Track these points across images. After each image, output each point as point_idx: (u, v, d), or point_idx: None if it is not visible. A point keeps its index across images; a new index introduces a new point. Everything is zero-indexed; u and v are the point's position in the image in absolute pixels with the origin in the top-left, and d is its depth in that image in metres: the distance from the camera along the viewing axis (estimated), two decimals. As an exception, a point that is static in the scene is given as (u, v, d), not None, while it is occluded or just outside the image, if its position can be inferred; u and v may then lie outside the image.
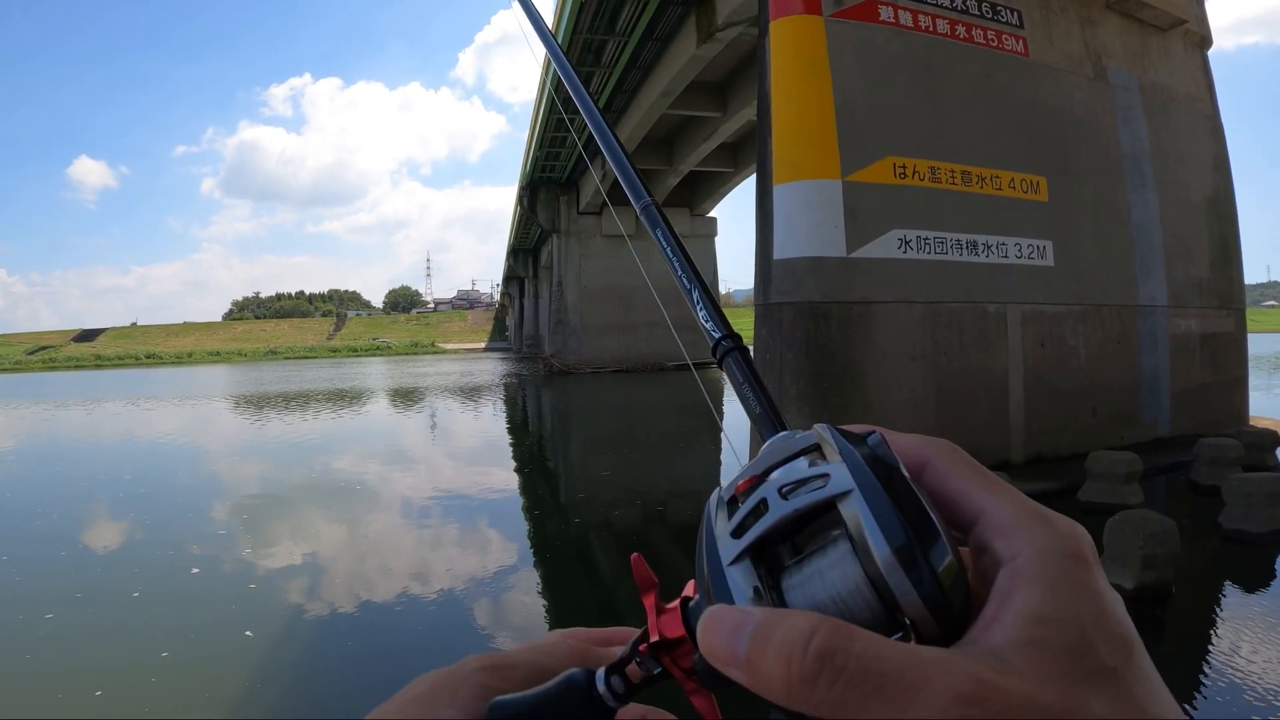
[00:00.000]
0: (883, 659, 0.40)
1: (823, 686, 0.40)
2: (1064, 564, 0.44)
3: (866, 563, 0.44)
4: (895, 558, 0.43)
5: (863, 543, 0.44)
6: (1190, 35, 18.10)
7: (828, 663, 0.40)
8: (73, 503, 14.82)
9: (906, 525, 0.43)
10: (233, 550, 11.03)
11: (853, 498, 0.45)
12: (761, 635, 0.43)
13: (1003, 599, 0.43)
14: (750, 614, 0.44)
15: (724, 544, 0.48)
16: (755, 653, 0.43)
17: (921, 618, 0.43)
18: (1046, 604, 0.42)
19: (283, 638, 7.69)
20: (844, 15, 13.11)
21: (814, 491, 0.47)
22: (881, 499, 0.44)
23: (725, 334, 0.69)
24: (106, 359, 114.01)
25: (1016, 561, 0.44)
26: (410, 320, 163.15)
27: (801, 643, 0.41)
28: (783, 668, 0.41)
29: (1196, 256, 17.19)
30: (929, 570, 0.43)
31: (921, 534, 0.44)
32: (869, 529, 0.44)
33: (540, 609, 8.77)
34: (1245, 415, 17.83)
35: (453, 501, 14.12)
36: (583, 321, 50.47)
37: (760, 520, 0.48)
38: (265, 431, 26.80)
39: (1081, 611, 0.42)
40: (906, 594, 0.43)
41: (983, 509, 0.48)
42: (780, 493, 0.48)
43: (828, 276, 12.60)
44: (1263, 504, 9.73)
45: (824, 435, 0.50)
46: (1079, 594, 0.43)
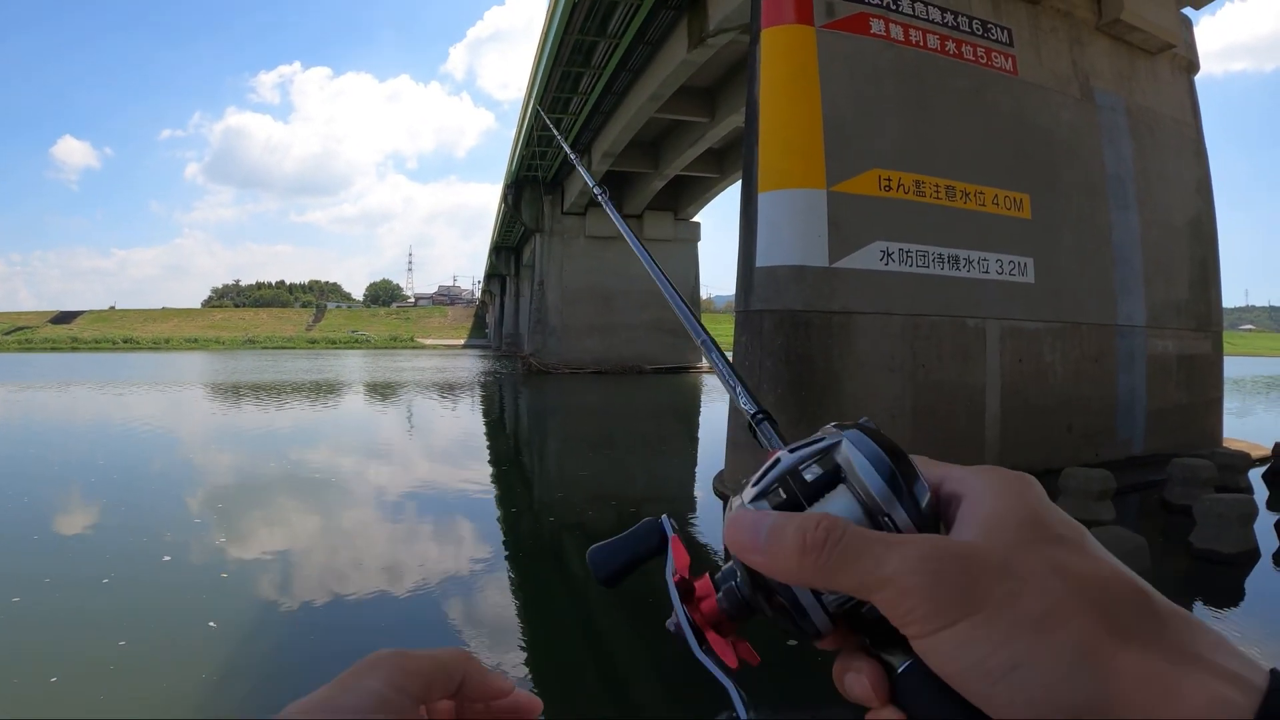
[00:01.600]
0: (869, 534, 0.51)
1: (826, 553, 0.51)
2: (1014, 483, 0.54)
3: (862, 494, 0.54)
4: (885, 485, 0.53)
5: (857, 478, 0.54)
6: (1178, 60, 18.24)
7: (830, 537, 0.51)
8: (46, 487, 14.69)
9: (893, 464, 0.54)
10: (206, 539, 10.94)
11: (844, 444, 0.56)
12: (780, 525, 0.54)
13: (966, 517, 0.52)
14: (769, 513, 0.56)
15: (745, 495, 0.59)
16: (774, 538, 0.53)
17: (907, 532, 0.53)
18: (1001, 501, 0.52)
19: (246, 629, 7.61)
20: (835, 26, 13.15)
21: (814, 444, 0.58)
22: (869, 443, 0.55)
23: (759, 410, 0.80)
24: (83, 342, 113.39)
25: (975, 490, 0.54)
26: (390, 314, 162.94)
27: (813, 523, 0.52)
28: (797, 542, 0.52)
29: (1176, 278, 17.31)
30: (912, 498, 0.53)
31: (905, 471, 0.54)
32: (860, 466, 0.54)
33: (513, 606, 8.73)
34: (1219, 437, 17.96)
35: (428, 498, 14.06)
36: (563, 321, 50.37)
37: (773, 470, 0.58)
38: (241, 422, 26.66)
39: (1033, 503, 0.52)
40: (895, 513, 0.53)
41: (946, 474, 0.57)
42: (789, 451, 0.58)
43: (809, 285, 12.63)
44: (1234, 524, 9.81)
45: (826, 428, 0.60)
46: (1029, 495, 0.53)
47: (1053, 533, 0.50)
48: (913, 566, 0.48)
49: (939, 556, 0.49)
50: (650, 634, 8.04)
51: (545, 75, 31.84)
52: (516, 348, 77.09)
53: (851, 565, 0.50)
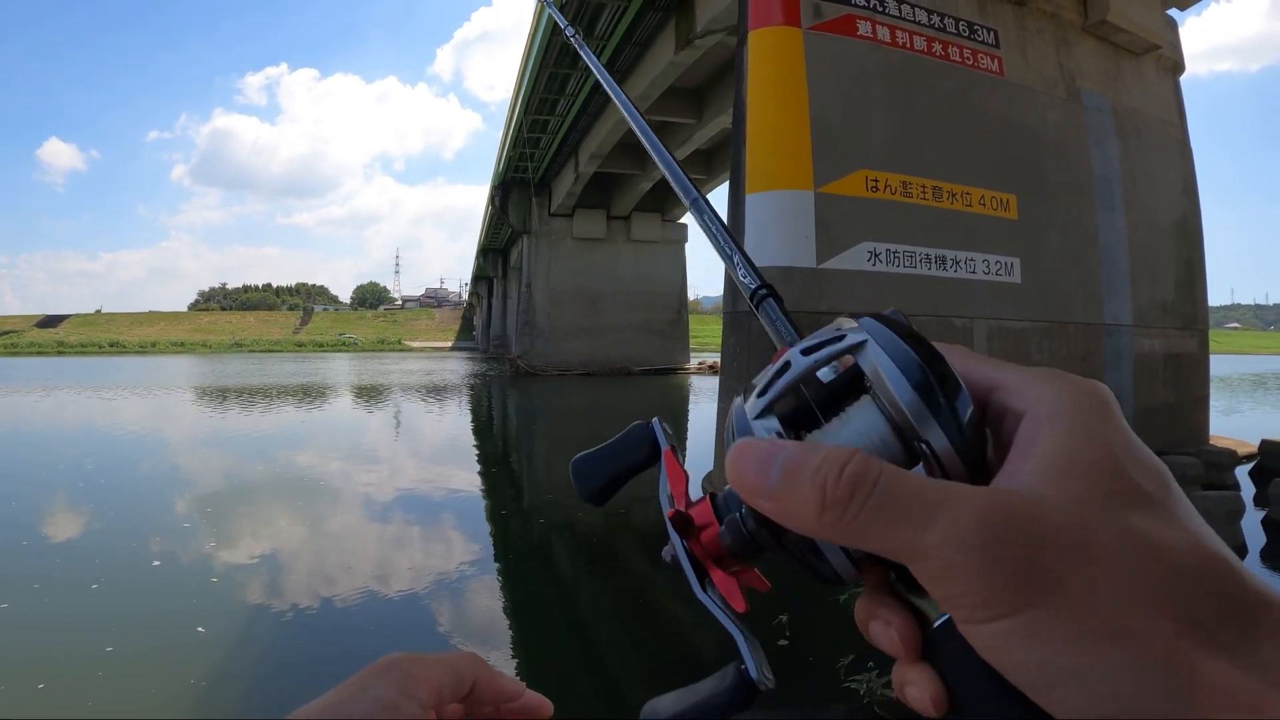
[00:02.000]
0: (907, 483, 0.41)
1: (852, 510, 0.41)
2: (1086, 404, 0.43)
3: (891, 408, 0.44)
4: (920, 401, 0.43)
5: (884, 388, 0.44)
6: (1163, 60, 18.32)
7: (859, 487, 0.41)
8: (34, 491, 14.60)
9: (927, 370, 0.44)
10: (195, 544, 10.90)
11: (869, 346, 0.46)
12: (795, 463, 0.43)
13: (1026, 446, 0.42)
14: (782, 444, 0.45)
15: (750, 406, 0.48)
16: (787, 481, 0.43)
17: (948, 458, 0.43)
18: (1072, 437, 0.42)
19: (236, 635, 7.58)
20: (822, 28, 13.16)
21: (832, 344, 0.48)
22: (898, 345, 0.45)
23: (761, 284, 0.72)
24: (69, 346, 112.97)
25: (1037, 409, 0.44)
26: (377, 317, 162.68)
27: (836, 468, 0.41)
28: (817, 493, 0.41)
29: (1162, 277, 17.37)
30: (953, 415, 0.43)
31: (943, 380, 0.44)
32: (888, 373, 0.44)
33: (504, 608, 8.72)
34: (1206, 435, 18.01)
35: (417, 501, 14.01)
36: (551, 323, 50.32)
37: (784, 376, 0.48)
38: (230, 426, 26.56)
39: (1110, 442, 0.42)
40: (932, 435, 0.43)
41: (997, 380, 0.47)
42: (802, 353, 0.49)
43: (797, 286, 12.63)
44: (1222, 522, 9.89)
45: (843, 319, 0.50)
46: (1105, 428, 0.42)
47: (1133, 486, 0.40)
48: (964, 537, 0.38)
49: (999, 526, 0.38)
50: (642, 633, 8.05)
51: (532, 77, 31.85)
52: (504, 350, 77.06)
53: (885, 527, 0.40)
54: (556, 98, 34.49)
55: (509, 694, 0.58)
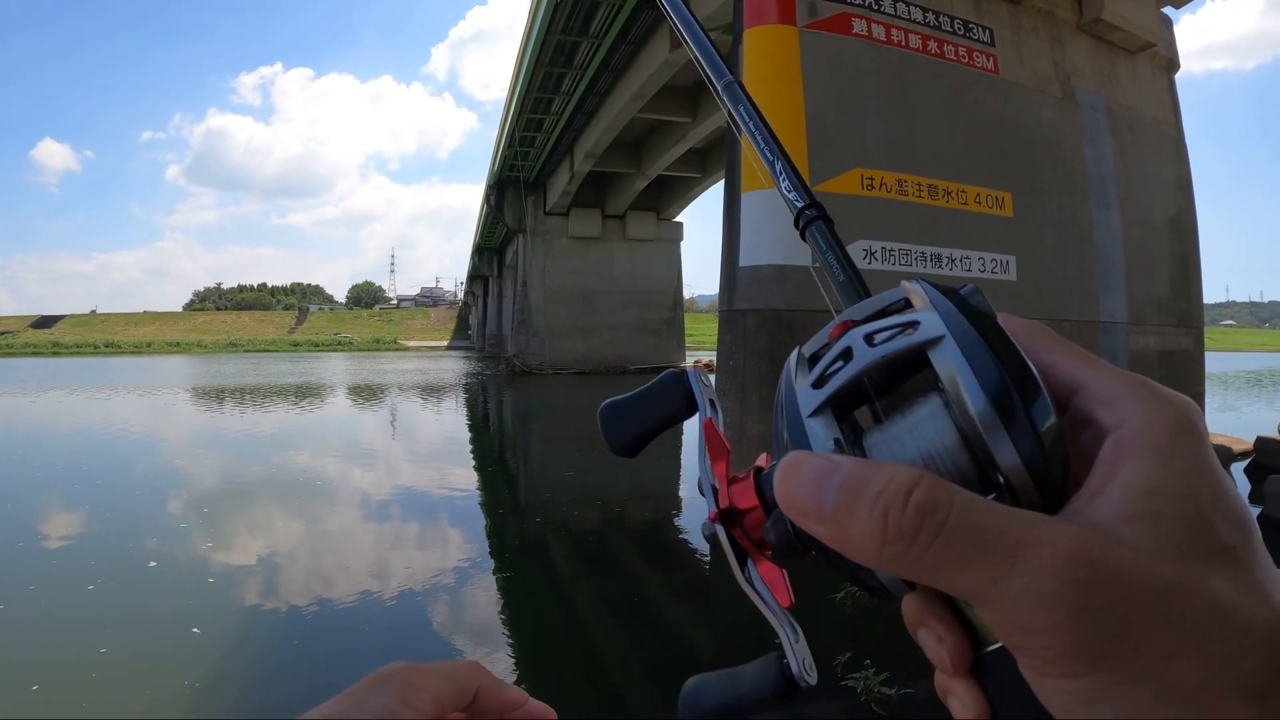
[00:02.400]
0: (985, 517, 0.37)
1: (920, 544, 0.37)
2: (1176, 434, 0.40)
3: (961, 417, 0.40)
4: (993, 410, 0.39)
5: (957, 394, 0.40)
6: (1158, 59, 18.35)
7: (929, 518, 0.37)
8: (30, 492, 14.60)
9: (1006, 376, 0.40)
10: (192, 544, 10.89)
11: (945, 345, 0.41)
12: (854, 485, 0.39)
13: (1109, 470, 0.39)
14: (838, 462, 0.40)
15: (804, 396, 0.45)
16: (844, 505, 0.39)
17: (1021, 482, 0.39)
18: (1158, 475, 0.38)
19: (231, 636, 7.57)
20: (817, 27, 13.17)
21: (903, 338, 0.43)
22: (977, 345, 0.40)
23: (809, 203, 0.67)
24: (64, 346, 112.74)
25: (1123, 430, 0.40)
26: (373, 316, 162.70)
27: (902, 495, 0.37)
28: (878, 522, 0.38)
29: (1157, 275, 17.41)
30: (1030, 428, 0.39)
31: (1023, 388, 0.40)
32: (963, 378, 0.40)
33: (502, 609, 8.71)
34: (1200, 433, 18.05)
35: (413, 501, 14.02)
36: (546, 322, 50.31)
37: (845, 368, 0.44)
38: (226, 426, 26.55)
39: (1197, 485, 0.38)
40: (1005, 453, 0.39)
41: (1082, 380, 0.44)
42: (866, 340, 0.44)
43: (793, 285, 12.64)
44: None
45: (912, 288, 0.46)
46: (1194, 466, 0.39)
47: (1217, 541, 0.37)
48: (1047, 593, 0.35)
49: (1086, 584, 0.34)
50: (640, 632, 8.05)
51: (528, 75, 31.84)
52: (500, 349, 76.97)
53: (955, 567, 0.37)
54: (551, 96, 34.48)
55: (512, 703, 0.56)
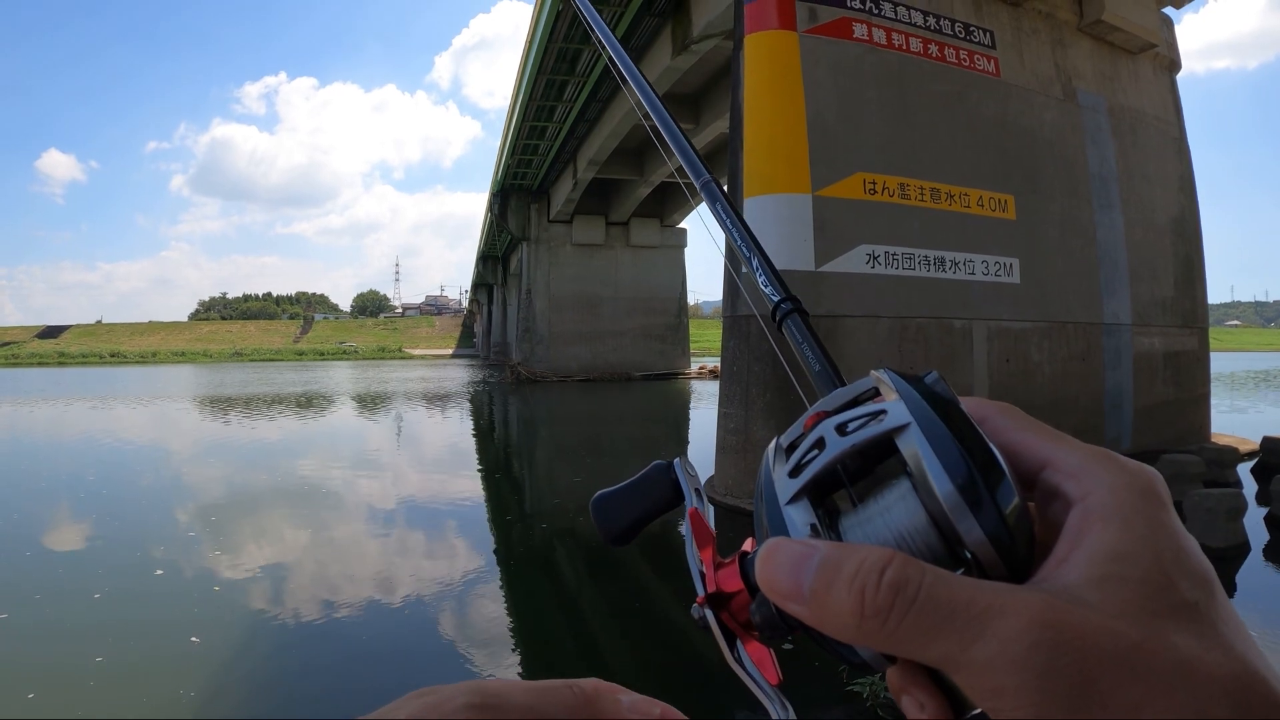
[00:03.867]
0: (953, 590, 0.39)
1: (895, 619, 0.39)
2: (1138, 501, 0.42)
3: (928, 500, 0.42)
4: (959, 494, 0.41)
5: (923, 479, 0.42)
6: (1160, 59, 18.37)
7: (901, 594, 0.39)
8: (40, 502, 14.61)
9: (969, 460, 0.42)
10: (199, 553, 10.90)
11: (910, 431, 0.44)
12: (830, 567, 0.41)
13: (1075, 538, 0.41)
14: (814, 546, 0.43)
15: (781, 485, 0.47)
16: (822, 585, 0.41)
17: (988, 557, 0.41)
18: (1122, 540, 0.40)
19: (234, 645, 7.57)
20: (818, 31, 13.20)
21: (871, 426, 0.45)
22: (941, 431, 0.43)
23: (785, 297, 0.72)
24: (70, 356, 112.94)
25: (1088, 500, 0.42)
26: (378, 325, 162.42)
27: (875, 574, 0.40)
28: (855, 600, 0.40)
29: (1161, 276, 17.41)
30: (994, 508, 0.41)
31: (986, 471, 0.42)
32: (929, 464, 0.42)
33: (510, 615, 8.70)
34: (1207, 432, 18.04)
35: (421, 509, 14.02)
36: (550, 330, 50.25)
37: (819, 457, 0.46)
38: (233, 435, 26.53)
39: (1159, 547, 0.41)
40: (971, 531, 0.41)
41: (1049, 456, 0.46)
42: (838, 430, 0.47)
43: (796, 289, 12.50)
44: (1223, 519, 9.87)
45: (880, 377, 0.49)
46: (1156, 530, 0.41)
47: (1180, 599, 0.39)
48: (1014, 657, 0.37)
49: (1051, 645, 0.36)
50: (646, 641, 8.05)
51: (530, 83, 31.85)
52: (505, 356, 77.03)
53: (929, 638, 0.39)
54: (554, 104, 34.50)
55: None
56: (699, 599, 0.51)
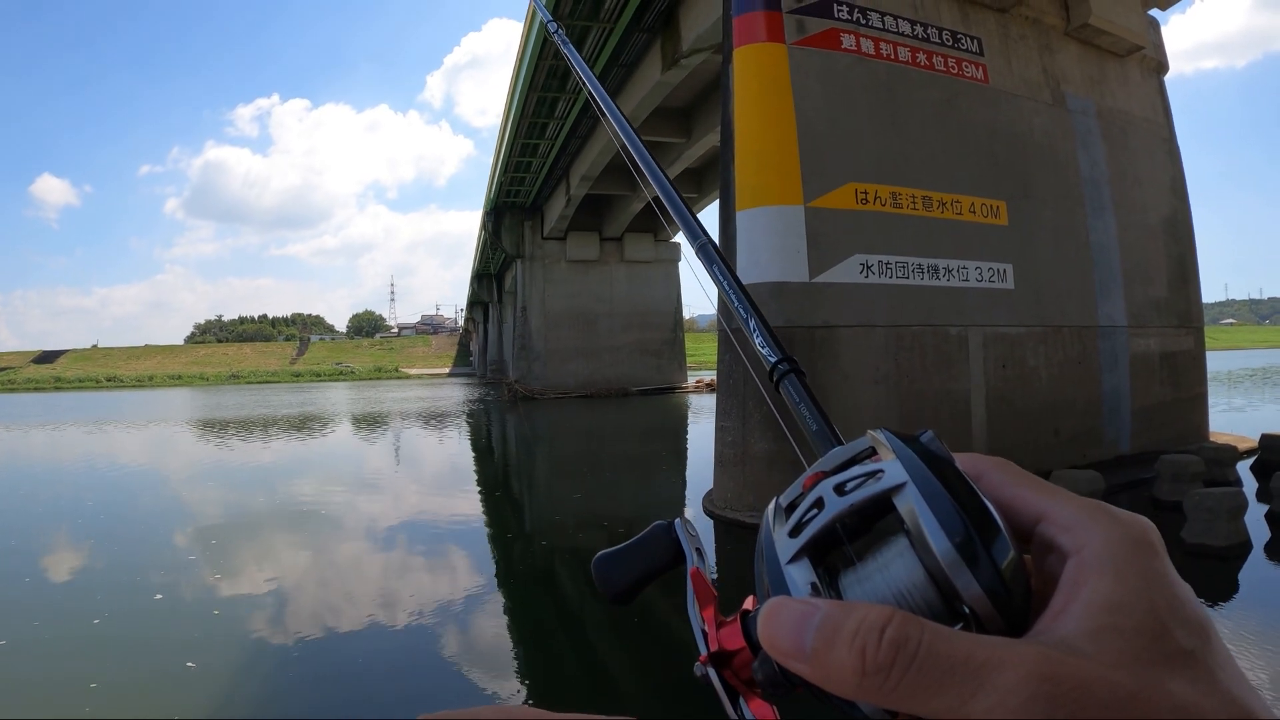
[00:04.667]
0: (952, 645, 0.39)
1: (895, 675, 0.40)
2: (1132, 552, 0.43)
3: (926, 557, 0.44)
4: (956, 552, 0.43)
5: (921, 536, 0.44)
6: (1147, 61, 18.44)
7: (902, 650, 0.40)
8: (41, 527, 14.58)
9: (965, 518, 0.43)
10: (199, 576, 10.87)
11: (907, 490, 0.45)
12: (830, 626, 0.42)
13: (1071, 589, 0.42)
14: (815, 605, 0.44)
15: (782, 544, 0.49)
16: (824, 643, 0.42)
17: (985, 611, 0.43)
18: (1117, 591, 0.41)
19: (231, 668, 7.54)
20: (806, 43, 13.24)
21: (869, 486, 0.47)
22: (937, 490, 0.44)
23: (782, 358, 0.74)
24: (67, 381, 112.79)
25: (1084, 553, 0.44)
26: (374, 345, 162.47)
27: (876, 632, 0.40)
28: (856, 658, 0.41)
29: (1155, 277, 17.44)
30: (991, 564, 0.43)
31: (982, 527, 0.43)
32: (926, 523, 0.44)
33: (512, 633, 8.68)
34: (1205, 432, 18.06)
35: (421, 529, 13.96)
36: (547, 346, 50.21)
37: (816, 517, 0.48)
38: (232, 458, 26.50)
39: (1154, 597, 0.42)
40: (968, 586, 0.42)
41: (1044, 510, 0.47)
42: (836, 490, 0.48)
43: (791, 301, 12.67)
44: (1224, 518, 9.87)
45: (877, 437, 0.50)
46: (1150, 580, 0.42)
47: (1175, 646, 0.40)
48: (1014, 709, 0.37)
49: (1048, 697, 0.37)
50: (648, 654, 8.03)
51: (521, 101, 31.92)
52: (501, 374, 76.84)
53: (929, 694, 0.39)
54: (546, 121, 34.55)
55: None
56: (701, 657, 0.52)
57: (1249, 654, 6.89)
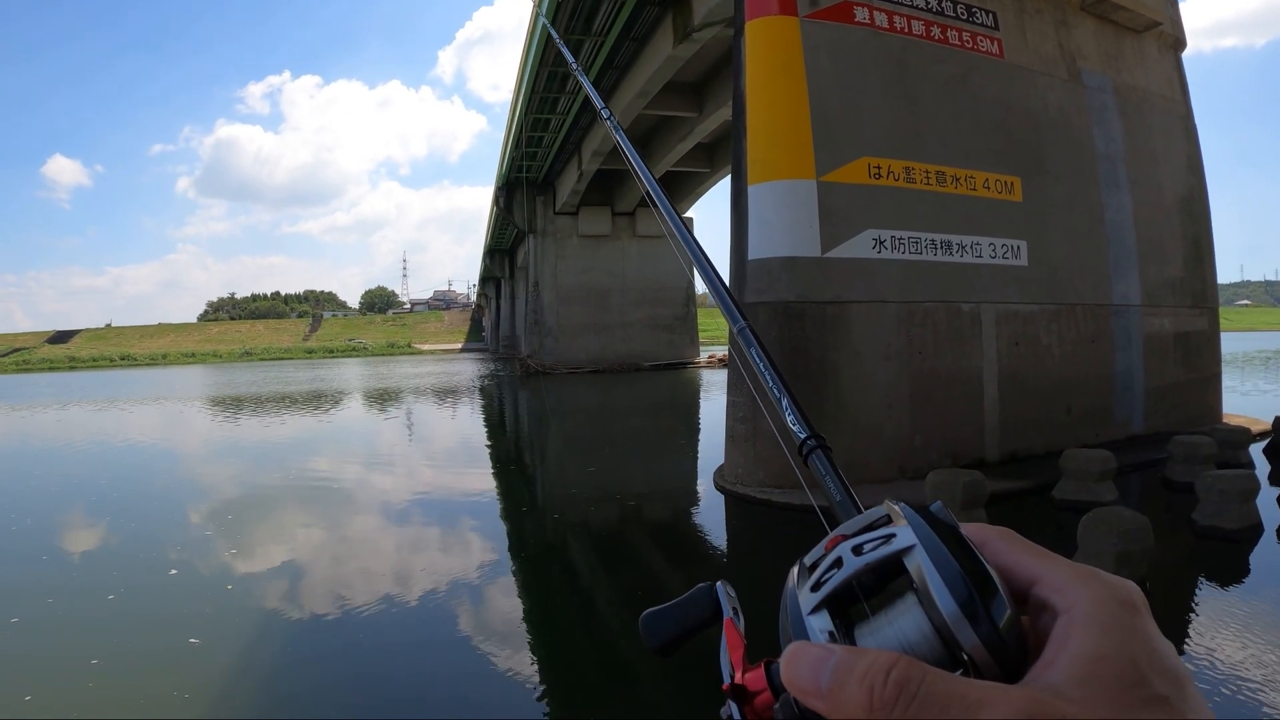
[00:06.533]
0: (949, 685, 0.46)
1: (899, 711, 0.46)
2: (1116, 610, 0.50)
3: (932, 612, 0.50)
4: (960, 609, 0.49)
5: (927, 594, 0.50)
6: (1164, 37, 18.23)
7: (904, 689, 0.46)
8: (58, 504, 14.72)
9: (967, 579, 0.50)
10: (215, 551, 10.95)
11: (916, 552, 0.52)
12: (844, 668, 0.49)
13: (1060, 643, 0.49)
14: (831, 649, 0.51)
15: (804, 598, 0.56)
16: (837, 683, 0.49)
17: (983, 660, 0.49)
18: (1101, 644, 0.48)
19: (240, 642, 7.60)
20: (819, 16, 13.12)
21: (882, 548, 0.54)
22: (942, 553, 0.52)
23: (810, 434, 0.82)
24: (81, 360, 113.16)
25: (1073, 611, 0.50)
26: (387, 321, 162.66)
27: (883, 673, 0.47)
28: (865, 695, 0.47)
29: (1170, 256, 17.31)
30: (989, 621, 0.49)
31: (982, 589, 0.50)
32: (933, 582, 0.50)
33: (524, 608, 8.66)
34: (1219, 413, 17.97)
35: (436, 503, 14.07)
36: (559, 322, 50.26)
37: (835, 574, 0.55)
38: (248, 434, 26.60)
39: (1134, 650, 0.48)
40: (968, 638, 0.49)
41: (1040, 574, 0.54)
42: (853, 551, 0.55)
43: (802, 276, 12.61)
44: (1236, 500, 9.79)
45: (892, 506, 0.58)
46: (1131, 635, 0.48)
47: (1151, 693, 0.46)
48: None
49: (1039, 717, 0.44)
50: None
51: (532, 76, 31.79)
52: (514, 349, 76.87)
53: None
54: (557, 96, 34.40)
55: None
56: (724, 686, 0.60)
57: (1261, 638, 6.85)
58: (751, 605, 0.69)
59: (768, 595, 0.62)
